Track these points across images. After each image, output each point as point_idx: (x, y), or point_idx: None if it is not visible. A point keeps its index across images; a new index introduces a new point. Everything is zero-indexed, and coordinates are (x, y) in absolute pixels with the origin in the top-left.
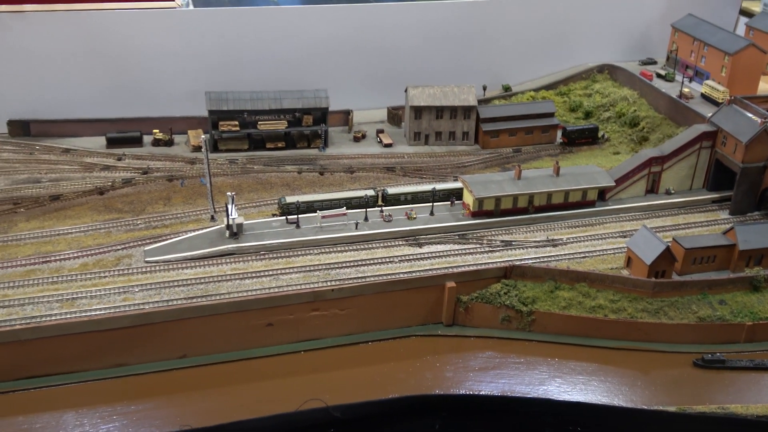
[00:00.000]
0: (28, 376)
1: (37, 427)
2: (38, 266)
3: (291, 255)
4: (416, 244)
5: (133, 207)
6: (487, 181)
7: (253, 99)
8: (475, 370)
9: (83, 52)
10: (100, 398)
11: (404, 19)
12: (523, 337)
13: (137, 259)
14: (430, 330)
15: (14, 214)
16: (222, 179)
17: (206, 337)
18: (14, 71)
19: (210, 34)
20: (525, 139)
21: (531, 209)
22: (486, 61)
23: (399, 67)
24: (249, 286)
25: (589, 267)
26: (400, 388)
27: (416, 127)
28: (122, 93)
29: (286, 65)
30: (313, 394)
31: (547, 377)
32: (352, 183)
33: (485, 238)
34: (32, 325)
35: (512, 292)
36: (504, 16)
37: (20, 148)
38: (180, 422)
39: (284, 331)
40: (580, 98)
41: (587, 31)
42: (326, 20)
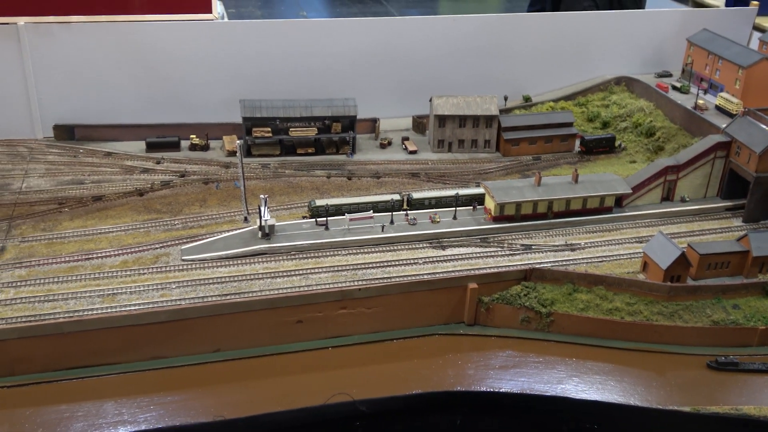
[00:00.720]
0: (70, 367)
1: (78, 415)
2: (81, 263)
3: (320, 255)
4: (440, 247)
5: (170, 208)
6: (509, 187)
7: (285, 107)
8: (495, 368)
9: (125, 61)
10: (138, 389)
11: (429, 32)
12: (541, 337)
13: (174, 257)
14: (453, 329)
15: (59, 213)
16: (255, 183)
17: (239, 332)
18: (60, 79)
19: (245, 45)
20: (544, 147)
21: (550, 215)
22: (507, 73)
23: (424, 77)
24: (280, 284)
25: (606, 271)
26: (423, 384)
27: (440, 135)
28: (161, 100)
29: (316, 75)
30: (340, 389)
31: (564, 376)
32: (378, 188)
33: (506, 242)
34: (75, 319)
35: (532, 294)
36: (525, 29)
37: (65, 152)
38: (213, 413)
39: (313, 328)
40: (598, 109)
41: (605, 45)
42: (355, 33)
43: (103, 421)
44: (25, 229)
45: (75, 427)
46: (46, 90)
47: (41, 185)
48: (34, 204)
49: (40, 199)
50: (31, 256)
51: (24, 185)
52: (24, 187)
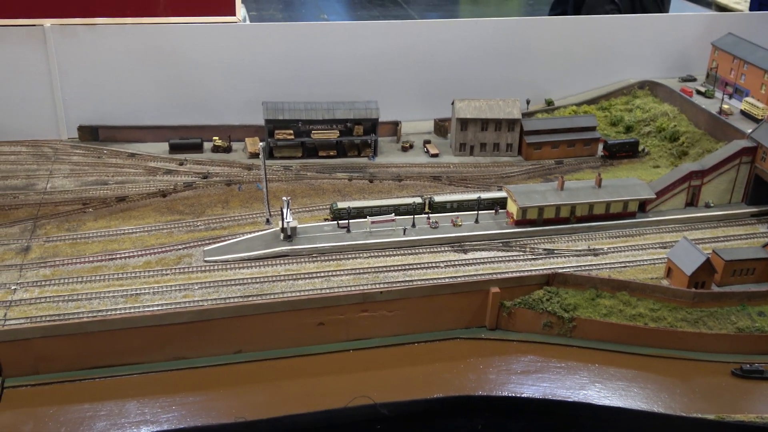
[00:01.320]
0: (93, 366)
1: (101, 415)
2: (105, 263)
3: (341, 258)
4: (461, 251)
5: (193, 209)
6: (531, 191)
7: (307, 109)
8: (517, 373)
9: (149, 62)
10: (160, 389)
11: (451, 36)
12: (564, 342)
13: (197, 258)
14: (474, 333)
15: (83, 213)
16: (277, 185)
17: (261, 334)
18: (85, 80)
19: (267, 48)
20: (567, 151)
21: (573, 219)
22: (529, 76)
23: (446, 80)
24: (302, 286)
25: (629, 276)
26: (444, 388)
27: (462, 139)
28: (184, 102)
29: (338, 78)
30: (361, 391)
31: (587, 382)
32: (400, 191)
33: (528, 246)
34: (99, 318)
35: (554, 299)
36: (547, 33)
37: (89, 152)
38: (235, 414)
39: (335, 330)
40: (621, 113)
41: (629, 49)
42: (378, 36)
43: (125, 421)
44: (49, 229)
45: (98, 426)
46: (71, 91)
47: (66, 185)
48: (59, 204)
49: (64, 200)
50: (55, 256)
51: (49, 185)
52: (49, 187)
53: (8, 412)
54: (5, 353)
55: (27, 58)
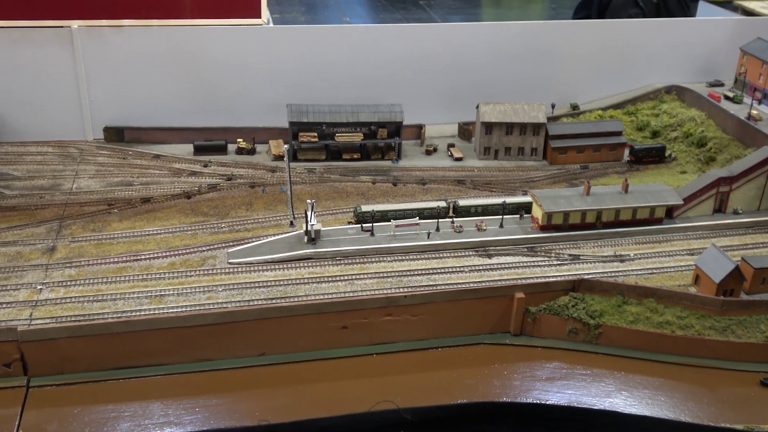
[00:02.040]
0: (118, 367)
1: (125, 415)
2: (129, 264)
3: (365, 261)
4: (486, 255)
5: (217, 211)
6: (556, 196)
7: (331, 112)
8: (542, 379)
9: (174, 64)
10: (184, 390)
11: (476, 39)
12: (589, 349)
13: (221, 260)
14: (498, 339)
15: (108, 214)
16: (300, 187)
17: (284, 336)
18: (111, 81)
19: (292, 50)
20: (592, 156)
21: (599, 225)
22: (555, 80)
23: (470, 84)
24: (325, 289)
25: (656, 283)
26: (468, 393)
27: (486, 142)
28: (209, 104)
29: (362, 80)
30: (384, 396)
31: (613, 390)
32: (423, 194)
33: (553, 252)
34: (124, 319)
35: (580, 305)
36: (573, 36)
37: (115, 153)
38: (258, 417)
39: (358, 334)
40: (648, 118)
41: (655, 53)
42: (402, 39)
43: (149, 422)
44: (75, 229)
45: (122, 427)
46: (97, 92)
47: (91, 186)
48: (84, 204)
49: (89, 200)
50: (80, 256)
51: (74, 186)
52: (74, 187)
53: (33, 411)
54: (31, 353)
55: (54, 59)
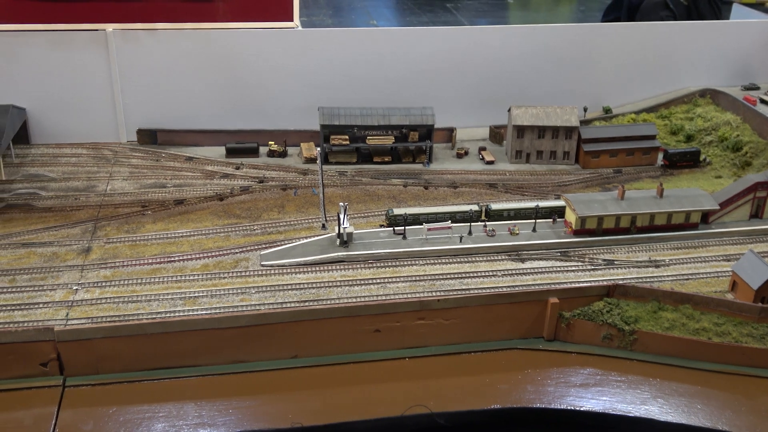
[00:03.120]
0: (152, 368)
1: (160, 416)
2: (163, 265)
3: (397, 265)
4: (518, 259)
5: (250, 213)
6: (590, 201)
7: (363, 115)
8: (576, 385)
9: (207, 67)
10: (218, 392)
11: (508, 42)
12: (624, 355)
13: (254, 262)
14: (531, 344)
15: (142, 216)
16: (332, 190)
17: (317, 339)
18: (144, 84)
19: (322, 53)
20: (625, 160)
21: (633, 229)
22: (587, 84)
23: (501, 87)
24: (357, 292)
25: (692, 289)
26: (501, 399)
27: (518, 146)
28: (241, 106)
29: (393, 83)
30: (417, 400)
31: (648, 397)
32: (455, 198)
33: (587, 256)
34: (158, 320)
35: (615, 311)
36: (606, 39)
37: (148, 155)
38: (291, 419)
39: (391, 337)
40: (682, 122)
41: (689, 56)
42: (432, 42)
43: (183, 423)
44: (109, 231)
45: (156, 427)
46: (130, 95)
47: (125, 188)
48: (119, 206)
49: (123, 202)
50: (115, 257)
51: (109, 187)
52: (109, 189)
53: (70, 410)
54: (67, 352)
55: (89, 62)
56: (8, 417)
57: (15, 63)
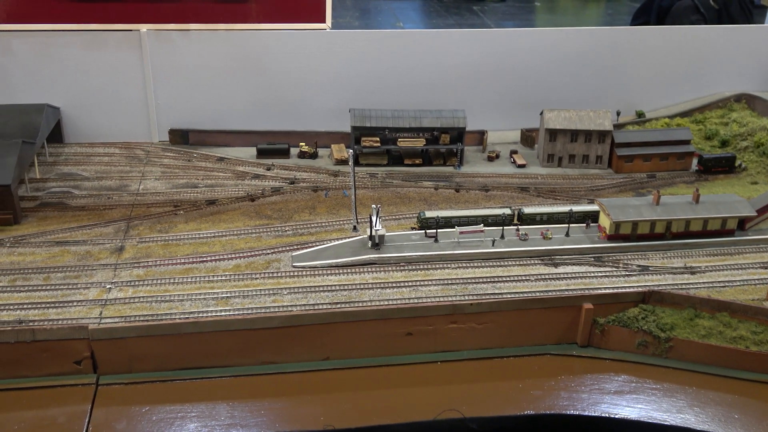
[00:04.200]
0: (184, 367)
1: (192, 416)
2: (196, 265)
3: (429, 268)
4: (552, 264)
5: (281, 214)
6: (625, 206)
7: (394, 117)
8: (610, 392)
9: (239, 68)
10: (250, 392)
11: (540, 44)
12: (659, 363)
13: (285, 263)
14: (565, 350)
15: (174, 215)
16: (363, 192)
17: (349, 341)
18: (177, 84)
19: (353, 55)
20: (659, 165)
21: (668, 235)
22: (620, 87)
23: (533, 90)
24: (389, 295)
25: (728, 297)
26: (535, 405)
27: (550, 149)
28: (272, 107)
29: (424, 86)
30: (449, 404)
31: (684, 405)
32: (486, 201)
33: (621, 262)
34: (192, 320)
35: (650, 318)
36: (640, 43)
37: (179, 155)
38: (323, 422)
39: (423, 341)
40: (717, 126)
41: (723, 60)
42: (463, 44)
43: (215, 423)
44: (142, 230)
45: (189, 427)
46: (163, 95)
47: (157, 187)
48: (151, 205)
49: (156, 201)
50: (148, 257)
51: (141, 187)
52: (141, 188)
53: (103, 409)
54: (101, 351)
55: (123, 62)
56: (42, 414)
57: (50, 63)
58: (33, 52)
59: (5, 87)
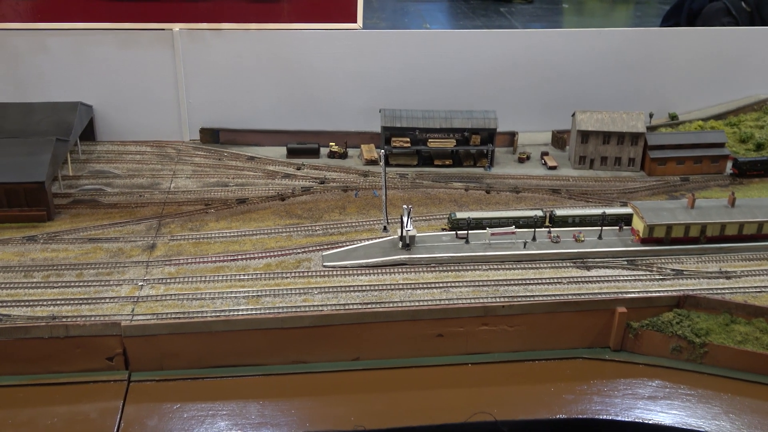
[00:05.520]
0: (215, 365)
1: (223, 414)
2: (226, 263)
3: (460, 269)
4: (584, 267)
5: (311, 214)
6: (659, 209)
7: (425, 117)
8: (644, 398)
9: (269, 67)
10: (280, 391)
11: (572, 46)
12: (693, 368)
13: (315, 263)
14: (597, 354)
15: (205, 214)
16: (393, 192)
17: (379, 342)
18: (208, 83)
19: (383, 55)
20: (693, 168)
21: (703, 239)
22: (653, 89)
23: (564, 92)
24: (420, 296)
25: (765, 302)
26: (567, 409)
27: (582, 151)
28: (302, 107)
29: (453, 86)
30: (480, 407)
31: (719, 412)
32: (517, 202)
33: (655, 266)
34: (223, 318)
35: (685, 322)
36: (670, 44)
37: (210, 154)
38: (354, 422)
39: (453, 342)
40: (751, 130)
41: (758, 63)
42: (494, 45)
43: (246, 422)
44: (173, 228)
45: (219, 425)
46: (194, 94)
47: (188, 186)
48: (182, 204)
49: (187, 200)
50: (179, 254)
51: (172, 185)
52: (172, 186)
53: (134, 405)
54: (133, 348)
55: (155, 61)
56: (76, 409)
57: (84, 61)
58: (67, 50)
59: (40, 85)
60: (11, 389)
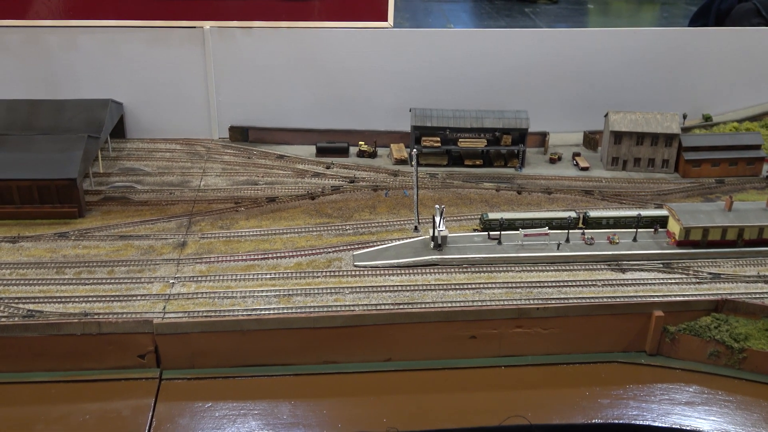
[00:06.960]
0: (246, 364)
1: (254, 413)
2: (257, 262)
3: (493, 270)
4: (619, 270)
5: (341, 213)
6: (696, 211)
7: (455, 117)
8: (681, 403)
9: (299, 66)
10: (311, 392)
11: (603, 45)
12: (731, 374)
13: (346, 262)
14: (633, 358)
15: (235, 212)
16: (423, 192)
17: (411, 343)
18: (238, 82)
19: (413, 54)
20: (728, 170)
21: (740, 242)
22: (687, 90)
23: (596, 92)
24: (452, 297)
25: None
26: (602, 413)
27: (615, 152)
28: (331, 106)
29: (484, 86)
30: (514, 410)
31: (759, 419)
32: (549, 204)
33: (691, 269)
34: (254, 317)
35: (723, 327)
36: (703, 45)
37: (239, 152)
38: (386, 424)
39: (487, 344)
40: None
41: None
42: (525, 45)
43: (277, 422)
44: (203, 226)
45: (251, 424)
46: (224, 92)
47: (218, 184)
48: (212, 202)
49: (217, 198)
50: (210, 253)
51: (202, 183)
52: (202, 184)
53: (166, 403)
54: (165, 345)
55: (186, 59)
56: (107, 407)
57: (114, 58)
58: (98, 47)
59: (71, 82)
60: (44, 385)
